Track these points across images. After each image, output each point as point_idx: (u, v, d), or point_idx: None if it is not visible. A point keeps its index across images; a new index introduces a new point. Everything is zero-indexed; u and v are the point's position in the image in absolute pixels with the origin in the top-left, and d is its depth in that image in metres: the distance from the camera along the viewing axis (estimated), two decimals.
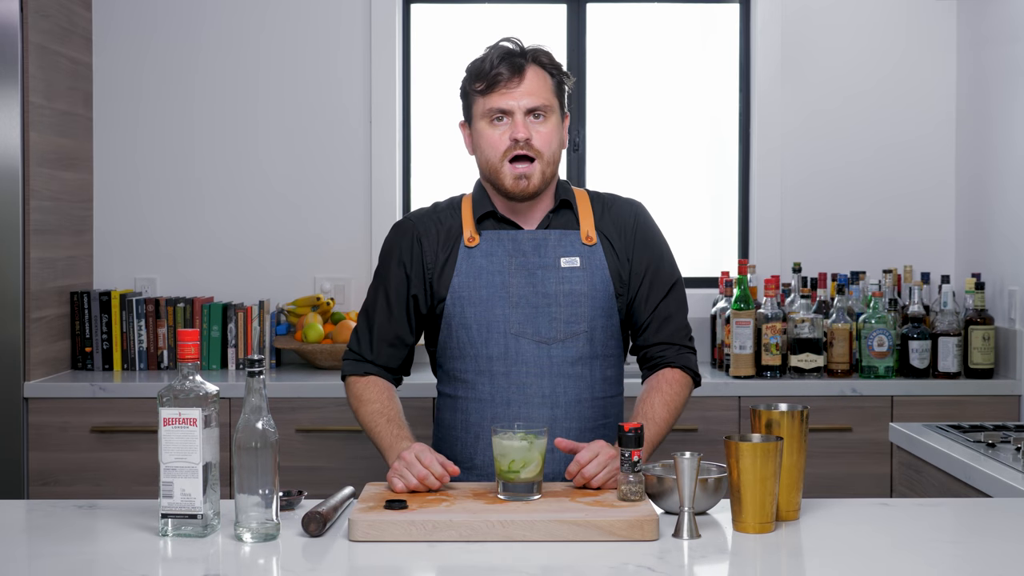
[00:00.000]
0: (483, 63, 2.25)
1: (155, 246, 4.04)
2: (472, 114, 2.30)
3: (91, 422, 3.50)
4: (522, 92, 2.23)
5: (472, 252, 2.28)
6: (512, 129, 2.23)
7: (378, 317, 2.35)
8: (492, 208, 2.32)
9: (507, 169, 2.24)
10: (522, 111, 2.23)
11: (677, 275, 2.38)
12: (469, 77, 2.29)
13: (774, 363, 3.60)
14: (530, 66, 2.25)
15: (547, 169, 2.26)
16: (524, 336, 2.25)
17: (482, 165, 2.30)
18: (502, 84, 2.22)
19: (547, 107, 2.25)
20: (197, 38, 4.03)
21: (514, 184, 2.24)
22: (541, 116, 2.25)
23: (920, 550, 1.78)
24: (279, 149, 4.05)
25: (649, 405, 2.24)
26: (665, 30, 4.20)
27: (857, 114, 4.06)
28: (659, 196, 4.17)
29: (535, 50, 2.27)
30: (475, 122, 2.28)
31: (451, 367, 2.31)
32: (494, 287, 2.26)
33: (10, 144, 3.46)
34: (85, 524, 1.92)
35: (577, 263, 2.28)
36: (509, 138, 2.23)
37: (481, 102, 2.26)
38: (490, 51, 2.27)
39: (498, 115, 2.24)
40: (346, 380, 2.37)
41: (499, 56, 2.24)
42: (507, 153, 2.24)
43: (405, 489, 1.99)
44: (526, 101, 2.23)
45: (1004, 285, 3.67)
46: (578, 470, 2.03)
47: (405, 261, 2.32)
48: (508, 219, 2.32)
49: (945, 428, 2.71)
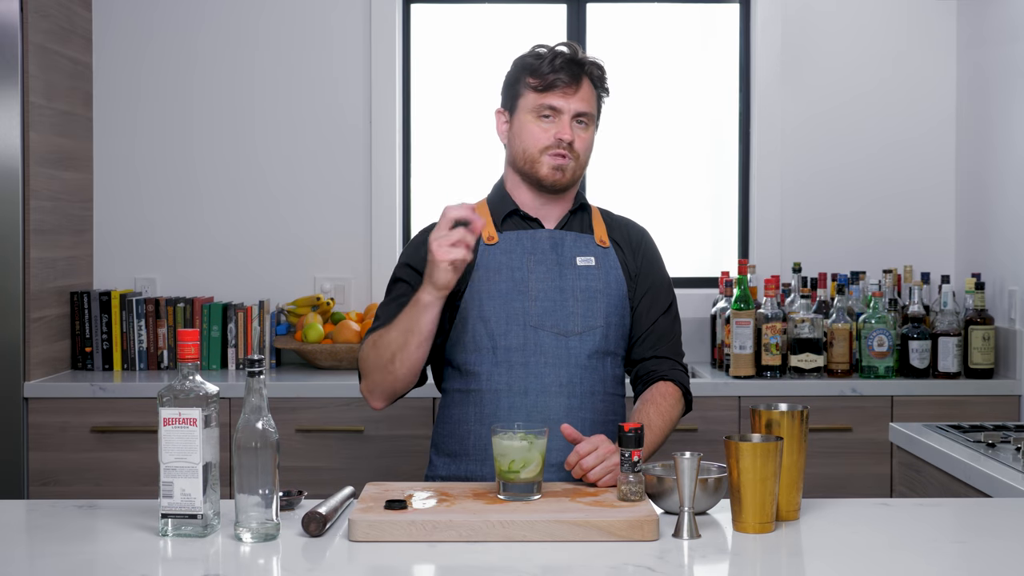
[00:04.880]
0: (541, 62, 2.32)
1: (155, 246, 4.04)
2: (517, 105, 2.35)
3: (91, 422, 3.50)
4: (577, 99, 2.32)
5: (492, 249, 2.34)
6: (559, 129, 2.31)
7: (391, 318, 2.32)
8: (515, 207, 2.38)
9: (546, 159, 2.32)
10: (571, 114, 2.32)
11: (674, 298, 2.46)
12: (523, 70, 2.35)
13: (774, 363, 3.60)
14: (585, 77, 2.35)
15: (579, 170, 2.36)
16: (543, 328, 2.30)
17: (519, 154, 2.36)
18: (560, 87, 2.31)
19: (591, 116, 2.36)
20: (197, 38, 4.04)
21: (550, 173, 2.32)
22: (585, 123, 2.34)
23: (920, 550, 1.78)
24: (279, 149, 4.05)
25: (644, 415, 2.28)
26: (665, 30, 4.20)
27: (857, 114, 4.06)
28: (659, 196, 4.18)
29: (595, 63, 2.38)
30: (520, 113, 2.35)
31: (463, 360, 2.33)
32: (513, 282, 2.31)
33: (10, 144, 3.46)
34: (85, 524, 1.92)
35: (592, 262, 2.35)
36: (554, 136, 2.31)
37: (533, 97, 2.32)
38: (548, 52, 2.34)
39: (547, 112, 2.32)
40: (360, 354, 2.31)
41: (561, 61, 2.32)
42: (548, 149, 2.31)
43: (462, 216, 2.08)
44: (577, 106, 2.32)
45: (1004, 285, 3.67)
46: (576, 460, 2.06)
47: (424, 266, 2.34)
48: (529, 217, 2.38)
49: (945, 428, 2.71)
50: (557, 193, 2.36)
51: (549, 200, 2.37)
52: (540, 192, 2.36)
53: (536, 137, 2.32)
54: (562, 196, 2.38)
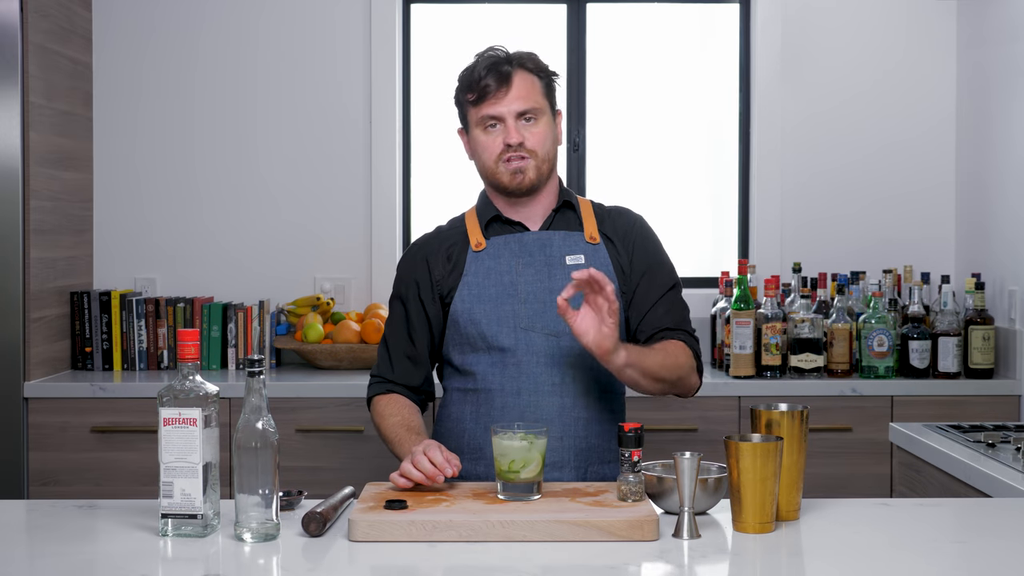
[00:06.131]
0: (471, 73, 2.32)
1: (155, 246, 4.04)
2: (467, 122, 2.36)
3: (91, 422, 3.50)
4: (511, 98, 2.29)
5: (480, 256, 2.34)
6: (505, 134, 2.30)
7: (394, 336, 2.40)
8: (497, 212, 2.37)
9: (503, 167, 2.31)
10: (513, 116, 2.29)
11: (676, 279, 2.42)
12: (460, 87, 2.36)
13: (774, 363, 3.60)
14: (516, 72, 2.31)
15: (542, 165, 2.32)
16: (534, 330, 2.29)
17: (481, 169, 2.37)
18: (491, 94, 2.29)
19: (536, 109, 2.31)
20: (197, 38, 4.04)
21: (511, 179, 2.31)
22: (532, 119, 2.31)
23: (920, 550, 1.78)
24: (279, 149, 4.05)
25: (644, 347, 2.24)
26: (665, 30, 4.20)
27: (857, 114, 4.06)
28: (659, 196, 4.17)
29: (520, 55, 2.33)
30: (471, 130, 2.35)
31: (459, 361, 2.34)
32: (503, 286, 2.31)
33: (10, 144, 3.46)
34: (85, 524, 1.92)
35: (582, 260, 2.33)
36: (503, 143, 2.30)
37: (473, 111, 2.32)
38: (477, 60, 2.33)
39: (491, 122, 2.31)
40: (370, 404, 2.41)
41: (485, 67, 2.30)
42: (502, 155, 2.30)
43: (406, 485, 1.99)
44: (516, 106, 2.29)
45: (1004, 285, 3.67)
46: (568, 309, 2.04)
47: (417, 280, 2.38)
48: (512, 221, 2.37)
49: (945, 428, 2.71)
50: (528, 195, 2.34)
51: (526, 204, 2.36)
52: (513, 198, 2.35)
53: (487, 148, 2.31)
54: (539, 197, 2.36)
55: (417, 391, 2.40)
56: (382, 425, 2.32)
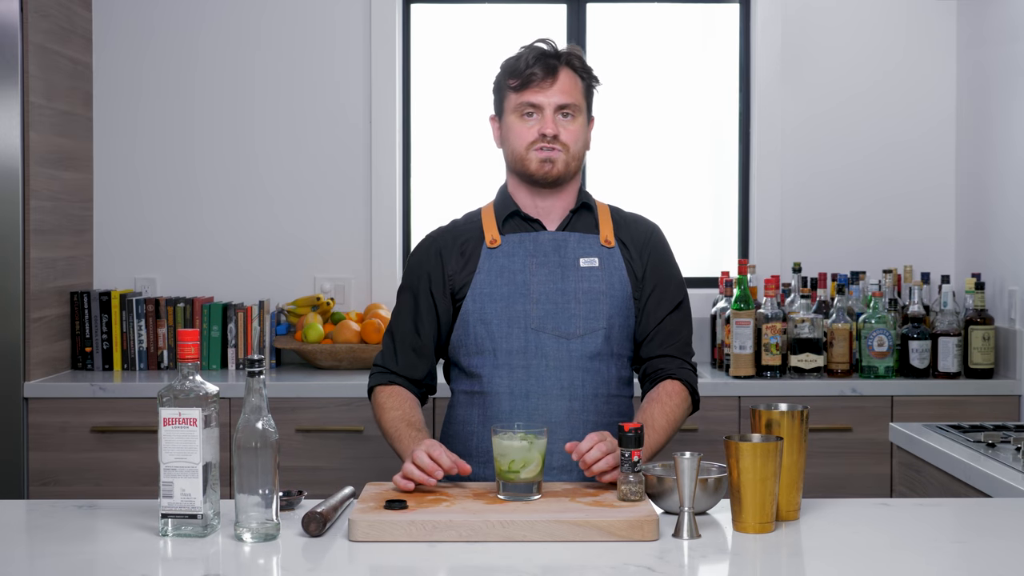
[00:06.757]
0: (518, 61, 2.33)
1: (155, 246, 4.04)
2: (504, 108, 2.37)
3: (91, 422, 3.50)
4: (554, 91, 2.31)
5: (494, 252, 2.34)
6: (541, 124, 2.31)
7: (400, 327, 2.39)
8: (516, 208, 2.37)
9: (533, 155, 2.32)
10: (552, 108, 2.31)
11: (684, 296, 2.42)
12: (504, 73, 2.36)
13: (774, 363, 3.59)
14: (563, 68, 2.33)
15: (572, 162, 2.34)
16: (544, 331, 2.29)
17: (508, 156, 2.37)
18: (536, 83, 2.30)
19: (576, 106, 2.33)
20: (197, 38, 4.04)
21: (539, 167, 2.31)
22: (570, 115, 2.33)
23: (920, 550, 1.78)
24: (279, 149, 4.05)
25: (648, 415, 2.26)
26: (665, 30, 4.20)
27: (857, 114, 4.06)
28: (659, 196, 4.18)
29: (568, 52, 2.36)
30: (506, 115, 2.36)
31: (467, 363, 2.34)
32: (515, 284, 2.31)
33: (10, 144, 3.46)
34: (85, 524, 1.92)
35: (596, 263, 2.34)
36: (537, 132, 2.31)
37: (513, 97, 2.33)
38: (525, 50, 2.34)
39: (528, 110, 2.32)
40: (371, 393, 2.40)
41: (535, 56, 2.32)
42: (534, 143, 2.31)
43: (408, 487, 1.99)
44: (557, 98, 2.31)
45: (1004, 285, 3.67)
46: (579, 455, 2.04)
47: (429, 273, 2.37)
48: (531, 218, 2.37)
49: (945, 428, 2.71)
50: (553, 187, 2.35)
51: (548, 199, 2.36)
52: (537, 189, 2.35)
53: (521, 135, 2.32)
54: (561, 193, 2.37)
55: (419, 384, 2.40)
56: (382, 418, 2.32)
